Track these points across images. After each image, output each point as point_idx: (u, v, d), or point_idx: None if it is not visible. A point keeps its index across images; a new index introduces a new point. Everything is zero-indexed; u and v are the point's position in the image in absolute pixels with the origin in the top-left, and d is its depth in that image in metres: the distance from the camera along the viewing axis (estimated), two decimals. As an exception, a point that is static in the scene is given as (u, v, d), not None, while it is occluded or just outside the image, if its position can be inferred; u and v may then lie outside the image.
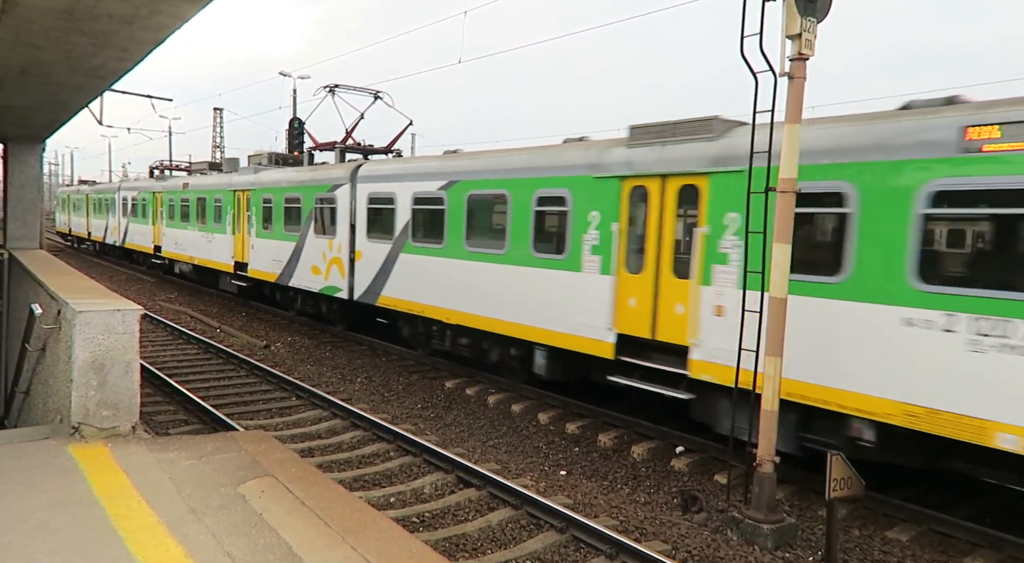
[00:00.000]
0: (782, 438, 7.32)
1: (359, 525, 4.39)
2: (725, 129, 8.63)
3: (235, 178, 20.23)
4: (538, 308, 10.60)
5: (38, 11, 6.26)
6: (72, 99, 10.74)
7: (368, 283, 14.37)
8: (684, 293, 8.74)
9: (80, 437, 5.75)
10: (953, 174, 6.39)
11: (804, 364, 7.42)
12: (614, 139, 10.03)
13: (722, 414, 8.43)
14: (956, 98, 6.91)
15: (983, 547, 6.72)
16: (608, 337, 9.60)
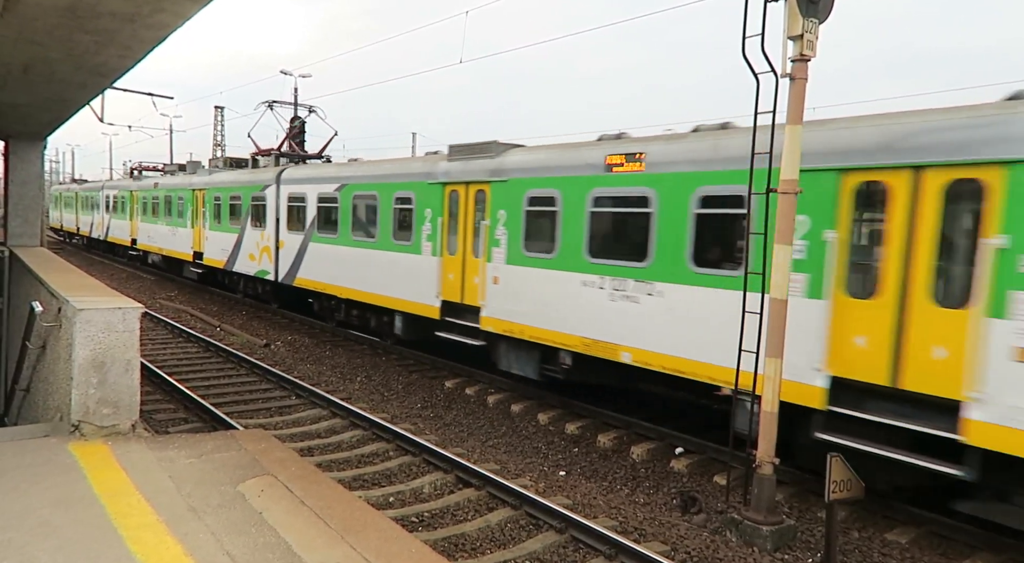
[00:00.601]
0: (532, 369, 11.03)
1: (358, 524, 4.39)
2: (501, 150, 11.59)
3: (194, 179, 23.25)
4: (396, 284, 13.59)
5: (41, 9, 6.26)
6: (74, 97, 10.75)
7: (288, 267, 17.29)
8: (478, 268, 11.73)
9: (80, 435, 5.75)
10: (601, 185, 9.67)
11: (537, 315, 10.61)
12: (440, 155, 13.01)
13: (500, 354, 11.59)
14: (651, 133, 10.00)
15: (982, 549, 6.72)
16: (436, 303, 12.58)
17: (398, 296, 13.49)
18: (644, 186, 9.06)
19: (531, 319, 10.64)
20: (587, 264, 9.86)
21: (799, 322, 7.30)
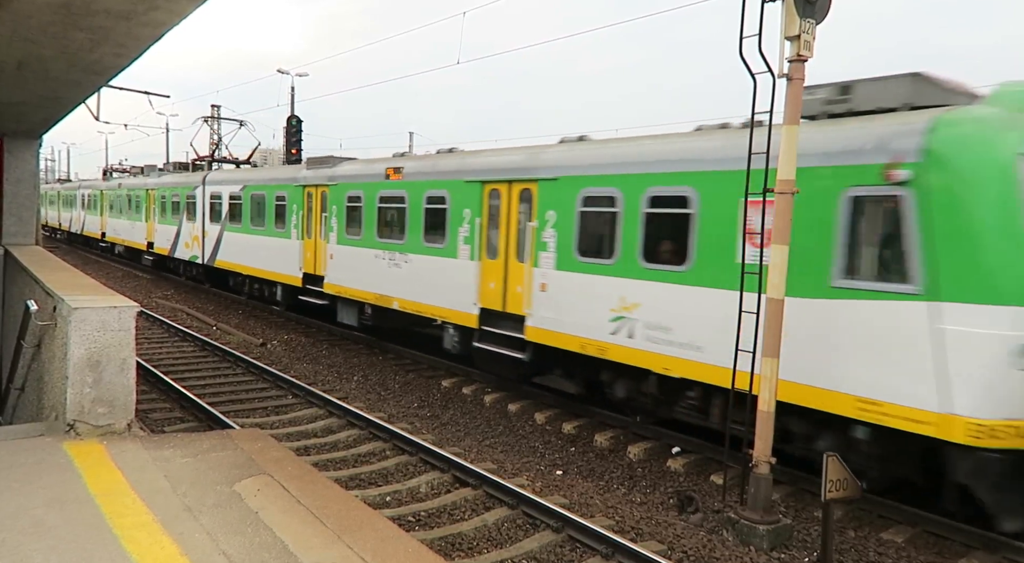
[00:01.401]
0: (354, 318, 15.15)
1: (355, 524, 4.38)
2: (336, 163, 16.09)
3: (148, 180, 27.60)
4: (277, 262, 17.89)
5: (35, 6, 6.23)
6: (69, 95, 10.70)
7: (210, 252, 21.48)
8: (322, 247, 15.97)
9: (75, 434, 5.73)
10: (384, 188, 13.92)
11: (354, 281, 14.73)
12: (302, 165, 17.86)
13: (338, 310, 15.69)
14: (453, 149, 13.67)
15: (977, 549, 6.73)
16: (299, 274, 16.83)
17: (279, 271, 17.91)
18: (401, 189, 13.47)
19: (351, 283, 15.07)
20: (377, 243, 14.14)
21: (466, 275, 11.91)
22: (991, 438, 6.18)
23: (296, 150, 29.01)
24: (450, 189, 12.24)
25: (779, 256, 6.63)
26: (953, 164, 6.49)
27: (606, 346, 9.48)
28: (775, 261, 6.65)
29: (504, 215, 11.24)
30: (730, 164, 8.08)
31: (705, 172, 8.38)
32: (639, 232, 9.14)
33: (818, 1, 6.47)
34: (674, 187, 8.75)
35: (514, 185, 11.06)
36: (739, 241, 7.78)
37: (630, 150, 9.50)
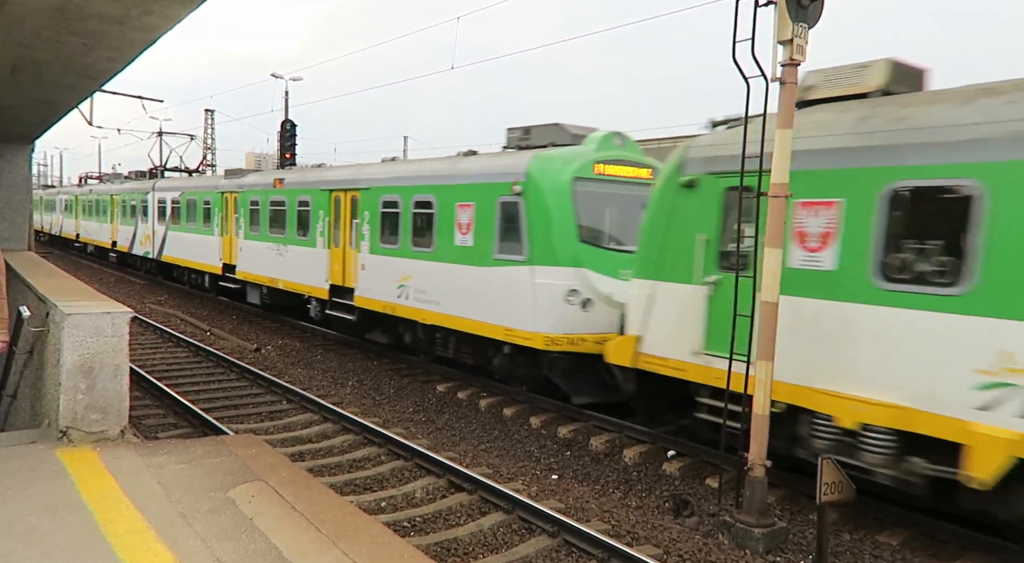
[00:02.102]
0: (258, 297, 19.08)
1: (350, 529, 4.36)
2: (245, 174, 20.75)
3: (112, 187, 31.97)
4: (202, 254, 21.78)
5: (29, 9, 6.21)
6: (62, 99, 10.67)
7: (158, 248, 25.32)
8: (235, 242, 19.82)
9: (68, 441, 5.69)
10: (272, 195, 17.70)
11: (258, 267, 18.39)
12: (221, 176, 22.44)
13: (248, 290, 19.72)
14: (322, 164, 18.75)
15: (972, 550, 6.75)
16: (219, 264, 20.76)
17: (205, 262, 21.69)
18: (283, 195, 17.36)
19: (254, 269, 18.66)
20: (269, 237, 17.82)
21: (321, 260, 15.75)
22: (555, 344, 10.41)
23: (290, 154, 28.97)
24: (312, 195, 16.23)
25: (772, 259, 6.65)
26: (538, 182, 10.69)
27: (396, 306, 13.51)
28: (768, 264, 6.66)
29: (343, 215, 15.23)
30: (452, 180, 12.31)
31: (441, 185, 12.55)
32: (410, 226, 13.14)
33: (811, 5, 6.50)
34: (425, 194, 12.86)
35: (347, 193, 15.06)
36: (456, 233, 12.07)
37: (405, 169, 13.87)
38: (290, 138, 28.84)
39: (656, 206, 8.86)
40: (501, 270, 11.10)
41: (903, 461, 6.59)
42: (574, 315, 10.40)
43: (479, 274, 11.49)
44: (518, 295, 10.74)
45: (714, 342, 7.98)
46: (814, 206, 7.17)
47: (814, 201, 7.16)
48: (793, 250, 7.32)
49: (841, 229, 6.94)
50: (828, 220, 7.07)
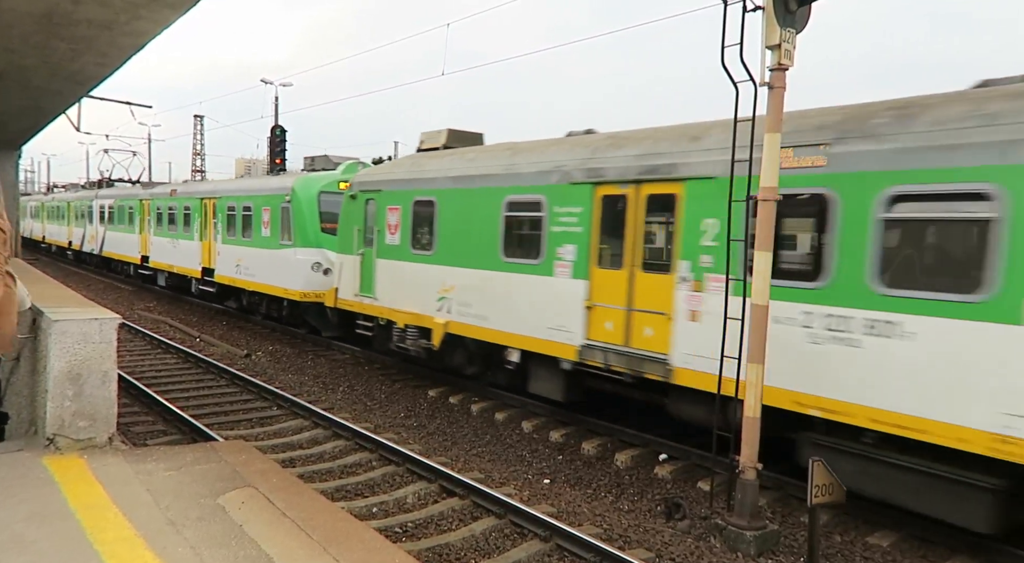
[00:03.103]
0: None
1: (341, 535, 4.34)
2: (155, 185, 27.98)
3: (69, 195, 38.28)
4: (128, 248, 26.82)
5: (16, 15, 6.19)
6: (50, 105, 10.63)
7: (100, 245, 30.91)
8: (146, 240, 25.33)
9: (55, 448, 5.64)
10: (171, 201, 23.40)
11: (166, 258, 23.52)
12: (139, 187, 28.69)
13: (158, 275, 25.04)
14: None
15: (962, 552, 6.78)
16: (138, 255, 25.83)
17: (131, 255, 26.93)
18: (175, 202, 22.60)
19: (161, 258, 23.92)
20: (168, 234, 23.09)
21: (196, 249, 21.14)
22: (307, 297, 15.84)
23: (280, 160, 28.89)
24: (191, 202, 21.79)
25: (763, 262, 6.68)
26: (298, 194, 16.28)
27: (235, 280, 18.87)
28: (759, 267, 6.69)
29: (208, 216, 20.64)
30: (261, 192, 18.23)
31: (256, 195, 18.48)
32: (240, 223, 18.77)
33: (798, 11, 6.56)
34: (247, 202, 18.66)
35: (210, 200, 20.62)
36: (262, 228, 17.83)
37: (240, 185, 20.40)
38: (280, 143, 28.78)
39: (343, 210, 14.70)
40: (282, 252, 16.85)
41: (419, 341, 12.33)
42: (318, 279, 15.93)
43: (272, 255, 17.26)
44: (289, 267, 16.51)
45: (363, 289, 13.71)
46: (392, 210, 13.00)
47: (392, 207, 12.99)
48: (386, 234, 13.13)
49: (400, 222, 12.83)
50: (393, 217, 13.05)
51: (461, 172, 11.60)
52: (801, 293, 7.14)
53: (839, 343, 6.84)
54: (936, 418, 6.20)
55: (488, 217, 10.79)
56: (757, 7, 6.53)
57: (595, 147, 9.53)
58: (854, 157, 6.77)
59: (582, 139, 10.15)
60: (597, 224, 9.20)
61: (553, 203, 9.71)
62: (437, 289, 11.71)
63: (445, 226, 11.70)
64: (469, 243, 11.17)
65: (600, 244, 9.22)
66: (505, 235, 10.57)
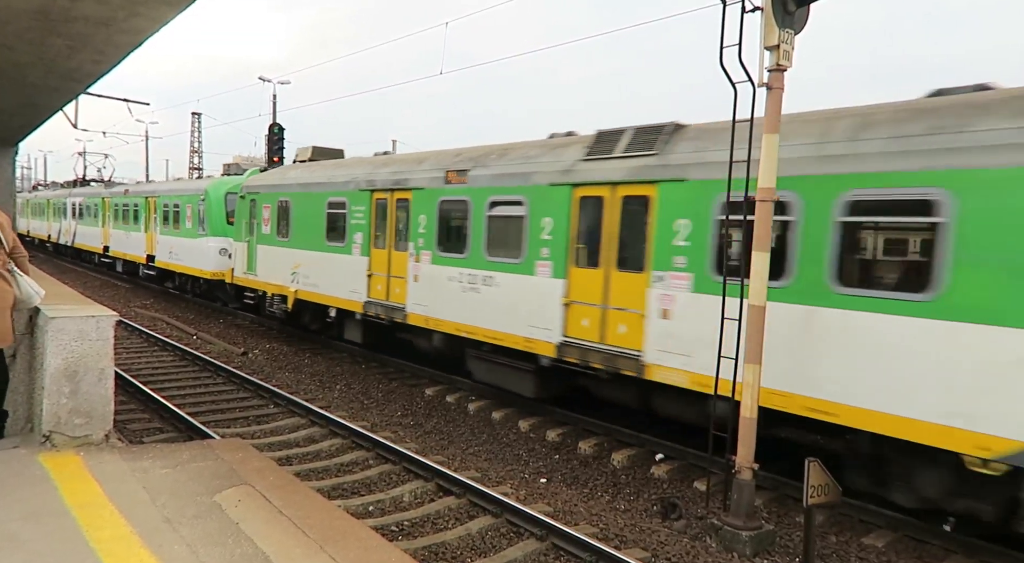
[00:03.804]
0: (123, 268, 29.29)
1: (338, 534, 4.34)
2: (114, 185, 32.70)
3: (49, 193, 42.97)
4: (93, 240, 31.03)
5: (12, 12, 6.17)
6: (46, 102, 10.60)
7: (72, 237, 34.77)
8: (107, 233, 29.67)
9: (51, 446, 5.63)
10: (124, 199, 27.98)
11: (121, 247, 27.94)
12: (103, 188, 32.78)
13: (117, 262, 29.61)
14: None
15: (957, 553, 6.81)
16: (101, 246, 30.11)
17: (96, 245, 30.70)
18: (128, 200, 26.79)
19: (117, 247, 27.95)
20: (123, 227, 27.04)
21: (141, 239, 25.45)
22: (214, 276, 19.89)
23: (278, 158, 28.86)
24: (138, 201, 25.83)
25: (760, 263, 6.69)
26: (210, 195, 20.33)
27: (168, 263, 23.03)
28: (756, 268, 6.70)
29: (151, 212, 24.63)
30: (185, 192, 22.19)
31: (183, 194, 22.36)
32: (172, 218, 22.38)
33: (797, 11, 6.57)
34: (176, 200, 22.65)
35: (152, 199, 24.72)
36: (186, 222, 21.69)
37: (173, 186, 24.23)
38: (278, 141, 28.73)
39: (237, 207, 18.63)
40: (199, 240, 20.85)
41: (281, 305, 16.10)
42: (224, 261, 19.63)
43: (192, 242, 21.30)
44: (204, 252, 20.45)
45: (249, 268, 17.59)
46: (266, 207, 16.80)
47: (265, 205, 16.83)
48: (263, 226, 16.89)
49: (270, 217, 16.53)
50: (267, 213, 16.78)
51: (304, 180, 15.61)
52: (458, 261, 11.40)
53: (473, 290, 11.07)
54: (509, 332, 10.44)
55: (317, 213, 14.95)
56: (756, 8, 6.54)
57: (374, 166, 13.79)
58: (477, 178, 11.16)
59: (372, 159, 14.60)
60: (374, 218, 13.45)
61: (352, 203, 13.85)
62: (291, 267, 15.81)
63: (295, 220, 15.81)
64: (308, 232, 15.28)
65: (376, 231, 13.43)
66: (327, 226, 14.63)
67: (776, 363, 7.18)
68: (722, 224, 7.69)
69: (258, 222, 17.07)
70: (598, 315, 9.24)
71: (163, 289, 25.15)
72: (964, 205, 6.06)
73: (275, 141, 28.84)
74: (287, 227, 15.87)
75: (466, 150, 12.07)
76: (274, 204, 16.45)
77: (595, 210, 9.31)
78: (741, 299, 6.95)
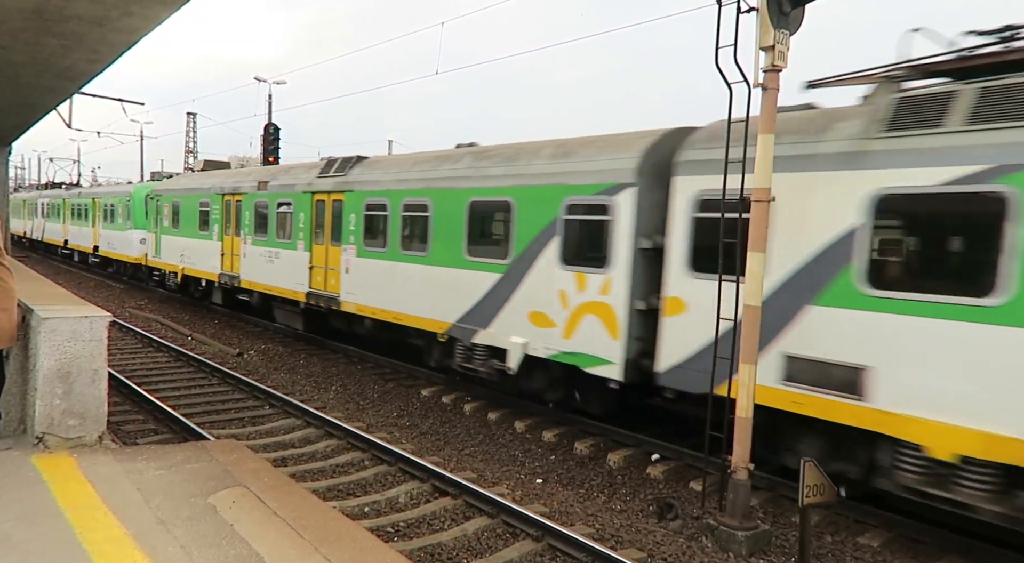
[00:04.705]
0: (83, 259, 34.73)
1: (333, 535, 4.33)
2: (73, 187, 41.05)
3: (25, 194, 48.00)
4: (55, 235, 37.18)
5: (6, 11, 6.14)
6: (40, 101, 10.55)
7: (42, 233, 39.83)
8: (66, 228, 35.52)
9: (44, 447, 5.60)
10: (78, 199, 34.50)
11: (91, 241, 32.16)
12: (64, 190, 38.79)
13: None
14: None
15: (952, 552, 6.82)
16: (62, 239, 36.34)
17: (57, 238, 36.07)
18: (83, 201, 32.41)
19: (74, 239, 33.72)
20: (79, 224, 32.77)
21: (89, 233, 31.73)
22: (139, 261, 25.34)
23: (273, 158, 28.83)
24: (88, 202, 30.90)
25: (756, 264, 6.70)
26: (134, 197, 26.13)
27: (109, 253, 28.28)
28: (752, 269, 6.71)
29: (96, 211, 29.67)
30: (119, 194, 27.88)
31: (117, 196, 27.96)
32: (112, 215, 27.76)
33: (792, 12, 6.58)
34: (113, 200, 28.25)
35: (99, 200, 29.54)
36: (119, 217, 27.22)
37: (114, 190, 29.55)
38: (273, 142, 28.70)
39: (150, 206, 23.47)
40: (127, 232, 26.11)
41: (175, 280, 21.92)
42: (143, 249, 24.45)
43: (123, 234, 26.52)
44: (130, 242, 25.74)
45: (155, 253, 22.93)
46: (165, 206, 22.33)
47: (166, 205, 22.29)
48: (164, 220, 22.31)
49: (168, 213, 22.19)
50: (166, 210, 22.38)
51: (187, 187, 21.40)
52: (264, 242, 16.75)
53: (267, 262, 16.53)
54: (287, 287, 15.85)
55: (194, 211, 20.37)
56: (751, 8, 6.55)
57: (225, 177, 19.25)
58: (271, 187, 16.57)
59: (225, 172, 20.63)
60: (224, 214, 18.64)
61: (212, 204, 19.23)
62: (180, 251, 21.28)
63: (182, 216, 21.23)
64: (189, 225, 20.70)
65: (226, 223, 18.48)
66: (199, 220, 20.04)
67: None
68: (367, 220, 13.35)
69: (160, 218, 22.76)
70: (324, 273, 14.58)
71: (156, 289, 25.09)
72: (519, 207, 10.24)
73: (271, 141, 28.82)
74: (178, 221, 21.48)
75: (273, 168, 18.33)
76: (170, 204, 22.07)
77: (321, 208, 14.75)
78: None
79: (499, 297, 10.35)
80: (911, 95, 6.77)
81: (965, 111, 6.22)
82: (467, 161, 11.28)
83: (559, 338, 9.54)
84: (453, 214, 11.20)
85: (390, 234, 12.55)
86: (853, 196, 6.71)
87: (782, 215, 7.15)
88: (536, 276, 9.80)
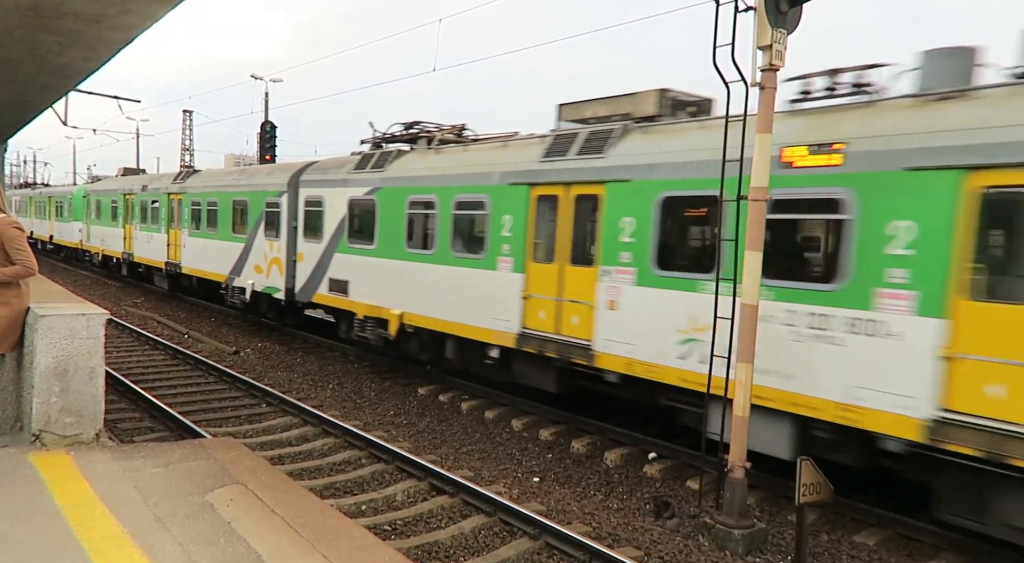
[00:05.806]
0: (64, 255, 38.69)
1: (330, 533, 4.33)
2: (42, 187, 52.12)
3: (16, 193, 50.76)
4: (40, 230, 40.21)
5: (2, 7, 6.12)
6: (36, 98, 10.52)
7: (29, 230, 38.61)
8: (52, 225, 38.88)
9: (41, 445, 5.59)
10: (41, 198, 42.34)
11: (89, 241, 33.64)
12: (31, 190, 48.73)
13: None
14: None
15: (947, 550, 6.85)
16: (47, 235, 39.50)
17: (43, 234, 38.90)
18: (62, 199, 36.01)
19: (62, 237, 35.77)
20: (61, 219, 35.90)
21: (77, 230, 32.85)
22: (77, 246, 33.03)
23: (270, 156, 28.80)
24: (46, 200, 38.37)
25: (753, 262, 6.71)
26: (75, 196, 32.97)
27: (60, 241, 35.92)
28: (749, 267, 6.72)
29: (51, 207, 37.41)
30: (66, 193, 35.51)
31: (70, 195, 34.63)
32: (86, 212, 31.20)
33: (789, 12, 6.58)
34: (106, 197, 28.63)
35: (52, 198, 37.43)
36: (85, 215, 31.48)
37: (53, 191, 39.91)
38: (270, 139, 28.68)
39: (84, 202, 30.80)
40: (70, 223, 32.81)
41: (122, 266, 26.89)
42: (80, 237, 31.19)
43: (68, 225, 33.46)
44: (72, 231, 32.40)
45: (88, 239, 30.23)
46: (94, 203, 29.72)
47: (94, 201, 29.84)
48: (92, 213, 29.80)
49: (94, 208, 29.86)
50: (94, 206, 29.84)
51: (104, 188, 28.42)
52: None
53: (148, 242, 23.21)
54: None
55: (109, 206, 26.91)
56: (749, 7, 6.56)
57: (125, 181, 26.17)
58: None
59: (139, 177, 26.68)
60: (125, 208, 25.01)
61: (118, 201, 25.50)
62: (101, 237, 27.69)
63: (102, 210, 27.81)
64: (107, 217, 26.87)
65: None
66: (111, 213, 26.34)
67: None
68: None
69: (90, 211, 29.47)
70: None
71: (156, 289, 25.10)
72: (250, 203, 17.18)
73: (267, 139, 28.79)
74: (99, 214, 28.21)
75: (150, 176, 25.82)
76: (95, 201, 29.10)
77: (172, 204, 21.31)
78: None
79: (243, 257, 17.54)
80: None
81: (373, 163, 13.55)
82: (235, 176, 18.94)
83: (264, 279, 16.74)
84: (225, 209, 18.56)
85: (203, 219, 19.83)
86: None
87: (329, 208, 14.39)
88: (257, 243, 16.92)
